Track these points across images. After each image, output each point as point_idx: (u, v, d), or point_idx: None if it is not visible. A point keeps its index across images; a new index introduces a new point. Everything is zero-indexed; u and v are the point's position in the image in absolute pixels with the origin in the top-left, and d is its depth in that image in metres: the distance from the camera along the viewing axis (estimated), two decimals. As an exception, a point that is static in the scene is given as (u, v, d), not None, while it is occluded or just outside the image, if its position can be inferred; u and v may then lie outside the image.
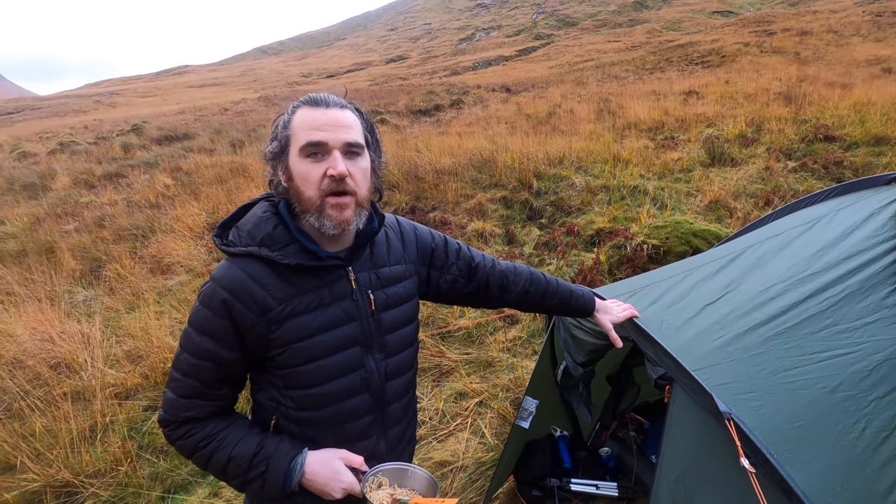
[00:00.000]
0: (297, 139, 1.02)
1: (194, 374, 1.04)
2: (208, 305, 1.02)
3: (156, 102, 35.78)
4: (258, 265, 1.03)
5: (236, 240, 1.06)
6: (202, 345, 1.02)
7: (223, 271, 1.04)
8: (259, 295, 1.02)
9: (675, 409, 1.45)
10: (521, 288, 1.43)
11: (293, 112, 1.05)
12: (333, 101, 1.05)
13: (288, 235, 1.05)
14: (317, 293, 1.06)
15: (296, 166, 1.03)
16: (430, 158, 8.03)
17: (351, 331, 1.09)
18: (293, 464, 1.05)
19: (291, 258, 1.03)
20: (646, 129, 9.38)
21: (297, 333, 1.04)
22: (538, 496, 2.35)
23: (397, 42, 64.83)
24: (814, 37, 22.71)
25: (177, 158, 11.09)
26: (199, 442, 1.05)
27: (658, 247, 4.51)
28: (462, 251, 1.37)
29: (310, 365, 1.06)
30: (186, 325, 1.05)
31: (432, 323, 4.08)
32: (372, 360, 1.13)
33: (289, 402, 1.09)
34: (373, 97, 19.67)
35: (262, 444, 1.06)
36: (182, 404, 1.05)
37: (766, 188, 6.20)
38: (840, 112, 8.62)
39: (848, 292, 1.59)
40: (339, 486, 1.04)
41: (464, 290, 1.37)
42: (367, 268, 1.14)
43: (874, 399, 1.31)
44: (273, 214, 1.08)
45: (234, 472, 1.05)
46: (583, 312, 1.56)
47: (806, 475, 1.20)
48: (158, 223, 6.87)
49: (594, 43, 36.74)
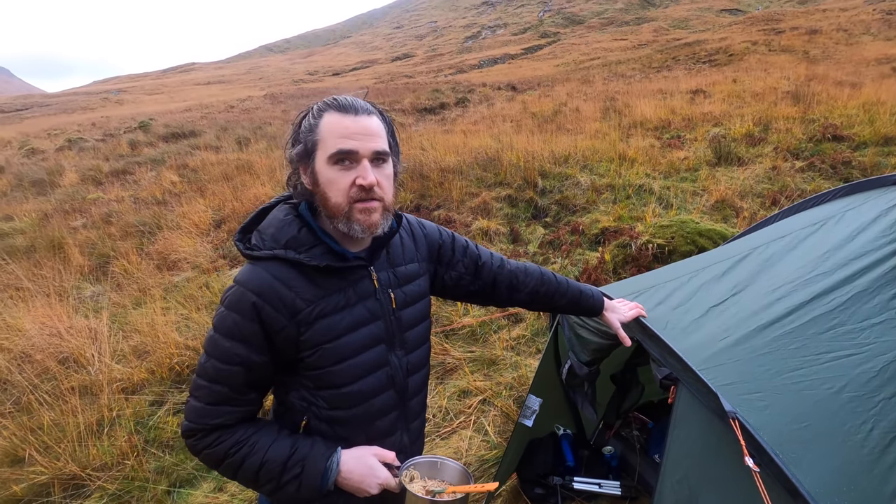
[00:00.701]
0: (326, 146, 1.02)
1: (223, 380, 1.02)
2: (236, 310, 1.01)
3: (163, 100, 35.96)
4: (284, 268, 1.03)
5: (259, 243, 1.06)
6: (232, 350, 1.01)
7: (249, 275, 1.03)
8: (288, 297, 1.02)
9: (680, 409, 1.44)
10: (531, 288, 1.44)
11: (319, 116, 1.03)
12: (362, 108, 1.04)
13: (313, 237, 1.06)
14: (343, 294, 1.08)
15: (324, 173, 1.03)
16: (435, 157, 8.03)
17: (376, 329, 1.11)
18: (329, 463, 1.05)
19: (319, 260, 1.04)
20: (652, 127, 9.33)
21: (326, 334, 1.05)
22: (541, 494, 2.35)
23: (403, 40, 64.78)
24: (823, 35, 22.49)
25: (183, 155, 11.15)
26: (230, 449, 1.03)
27: (663, 246, 4.50)
28: (469, 249, 1.38)
29: (340, 365, 1.07)
30: (211, 332, 1.03)
31: (437, 321, 4.08)
32: (395, 357, 1.16)
33: (321, 402, 1.10)
34: (378, 95, 19.67)
35: (296, 446, 1.05)
36: (209, 412, 1.03)
37: (772, 188, 6.16)
38: (849, 111, 8.53)
39: (855, 293, 1.58)
40: (376, 482, 1.05)
41: (469, 288, 1.38)
42: (385, 267, 1.16)
43: (881, 400, 1.30)
44: (296, 217, 1.08)
45: (267, 477, 1.03)
46: (592, 312, 1.56)
47: (811, 476, 1.20)
48: (165, 220, 6.92)
49: (601, 41, 36.57)
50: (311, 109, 1.06)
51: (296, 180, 1.09)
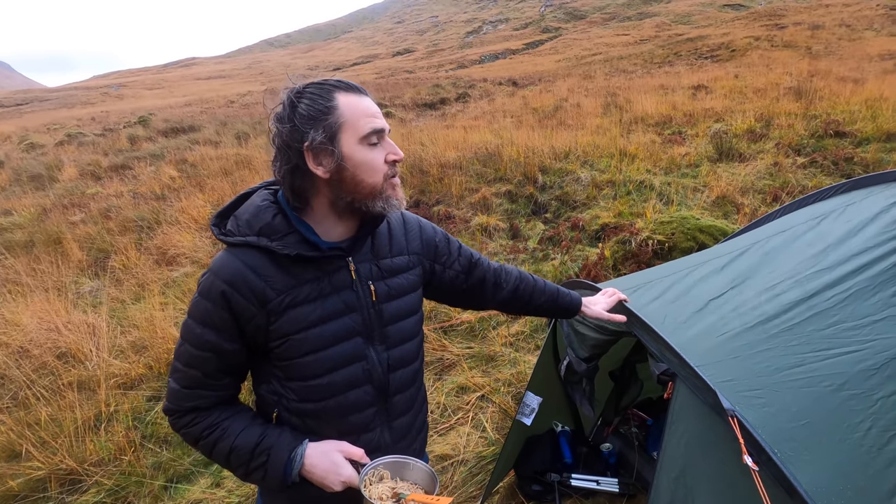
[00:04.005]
0: (357, 127, 1.00)
1: (196, 364, 1.04)
2: (207, 297, 1.01)
3: (162, 94, 35.88)
4: (257, 255, 1.02)
5: (234, 229, 1.05)
6: (203, 336, 1.02)
7: (221, 262, 1.02)
8: (258, 286, 1.01)
9: (678, 405, 1.43)
10: (511, 285, 1.44)
11: (331, 98, 0.99)
12: (362, 87, 1.06)
13: (287, 225, 1.04)
14: (316, 284, 1.05)
15: (357, 154, 1.01)
16: (435, 152, 7.99)
17: (351, 322, 1.08)
18: (293, 455, 1.05)
19: (291, 248, 1.01)
20: (653, 123, 9.29)
21: (295, 325, 1.03)
22: (538, 491, 2.34)
23: (404, 35, 64.52)
24: (826, 31, 22.36)
25: (183, 150, 11.13)
26: (203, 431, 1.05)
27: (663, 242, 4.48)
28: (463, 248, 1.38)
29: (309, 356, 1.05)
30: (187, 317, 1.05)
31: (435, 317, 4.07)
32: (374, 352, 1.12)
33: (290, 394, 1.09)
34: (379, 90, 19.60)
35: (264, 434, 1.06)
36: (185, 394, 1.05)
37: (774, 184, 6.13)
38: (851, 107, 8.48)
39: (856, 290, 1.56)
40: (338, 478, 1.03)
41: (462, 287, 1.37)
42: (368, 258, 1.12)
43: (880, 398, 1.29)
44: (272, 203, 1.06)
45: (237, 462, 1.06)
46: (569, 311, 1.55)
47: (809, 474, 1.18)
48: (164, 215, 6.90)
49: (602, 36, 36.39)
50: (310, 93, 1.00)
51: (298, 178, 1.02)
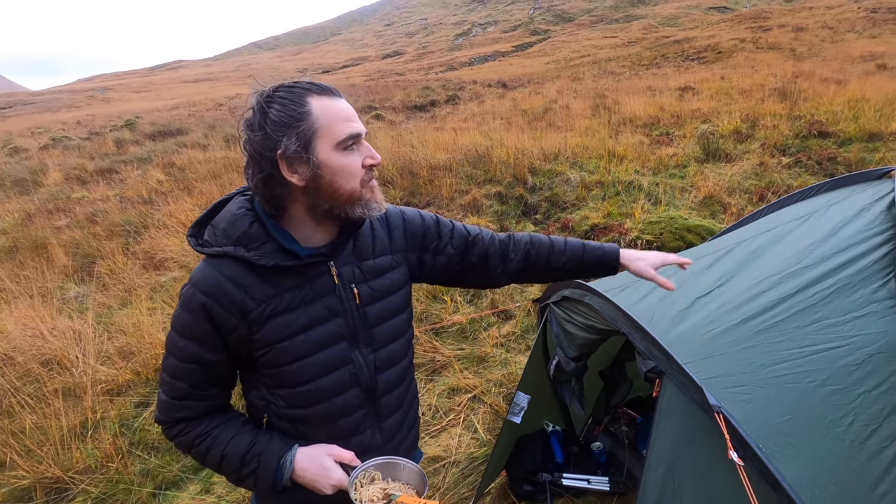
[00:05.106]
0: (333, 132, 0.97)
1: (182, 376, 1.04)
2: (188, 309, 1.01)
3: (149, 97, 35.50)
4: (235, 265, 1.00)
5: (212, 239, 1.03)
6: (186, 349, 1.02)
7: (200, 274, 1.01)
8: (237, 297, 0.99)
9: (665, 402, 1.44)
10: (521, 253, 1.32)
11: (303, 103, 0.95)
12: (336, 89, 1.02)
13: (265, 233, 1.01)
14: (298, 291, 1.03)
15: (334, 161, 0.98)
16: (425, 154, 7.99)
17: (335, 327, 1.07)
18: (283, 461, 1.05)
19: (268, 259, 0.99)
20: (641, 124, 9.37)
21: (279, 333, 1.02)
22: (530, 491, 2.35)
23: (393, 37, 64.51)
24: (809, 33, 22.73)
25: (170, 154, 11.00)
26: (195, 439, 1.06)
27: (652, 242, 4.52)
28: (456, 228, 1.30)
29: (295, 364, 1.04)
30: (170, 329, 1.05)
31: (426, 318, 4.07)
32: (360, 355, 1.11)
33: (279, 401, 1.08)
34: (368, 93, 19.57)
35: (254, 441, 1.06)
36: (174, 405, 1.06)
37: (760, 184, 6.21)
38: (834, 108, 8.63)
39: (838, 286, 1.59)
40: (328, 482, 1.03)
41: (458, 268, 1.30)
42: (350, 261, 1.10)
43: (862, 393, 1.31)
44: (249, 210, 1.03)
45: (229, 469, 1.07)
46: (602, 266, 1.35)
47: (793, 469, 1.20)
48: (151, 219, 6.83)
49: (591, 38, 36.66)
50: (280, 97, 0.95)
51: (272, 186, 0.99)
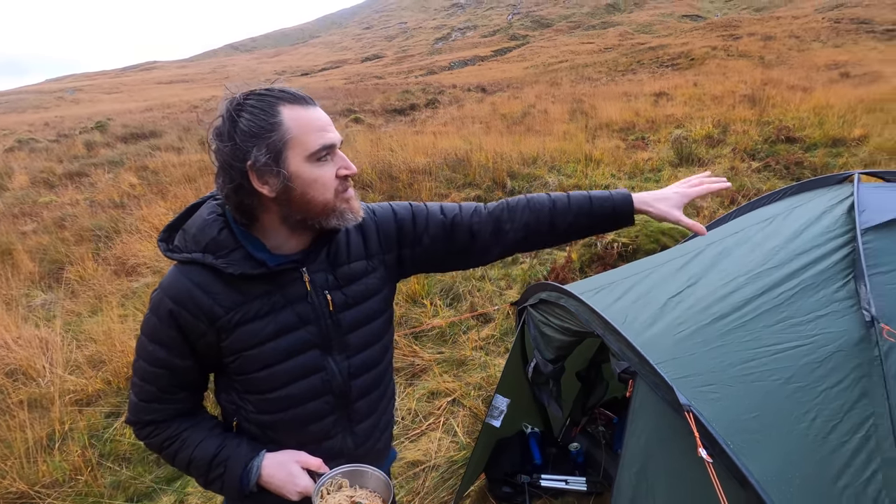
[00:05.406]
0: (305, 143, 0.94)
1: (150, 380, 1.04)
2: (156, 314, 1.00)
3: (122, 99, 34.65)
4: (204, 272, 0.99)
5: (181, 245, 1.01)
6: (154, 353, 1.02)
7: (170, 280, 1.00)
8: (206, 304, 0.98)
9: (638, 402, 1.47)
10: (519, 223, 1.19)
11: (274, 112, 0.92)
12: (310, 97, 0.99)
13: (234, 240, 0.99)
14: (267, 298, 1.02)
15: (306, 173, 0.95)
16: (405, 157, 8.00)
17: (307, 334, 1.06)
18: (249, 466, 1.05)
19: (236, 267, 0.97)
20: (617, 129, 9.57)
21: (247, 341, 1.01)
22: (508, 493, 2.36)
23: (373, 41, 64.39)
24: (777, 42, 23.54)
25: (143, 157, 10.76)
26: (164, 442, 1.07)
27: (627, 245, 4.60)
28: (431, 212, 1.21)
29: (264, 371, 1.03)
30: (140, 332, 1.05)
31: (405, 322, 4.06)
32: (333, 362, 1.10)
33: (248, 406, 1.08)
34: (348, 96, 19.49)
35: (222, 446, 1.06)
36: (143, 407, 1.06)
37: (731, 187, 6.40)
38: (801, 114, 8.96)
39: (802, 287, 1.64)
40: (295, 489, 1.03)
41: (442, 253, 1.22)
42: (323, 268, 1.07)
43: (824, 390, 1.36)
44: (219, 216, 1.01)
45: (196, 473, 1.08)
46: (616, 218, 1.21)
47: (761, 465, 1.24)
48: (123, 223, 6.66)
49: (568, 44, 37.24)
50: (251, 106, 0.92)
51: (242, 196, 0.96)
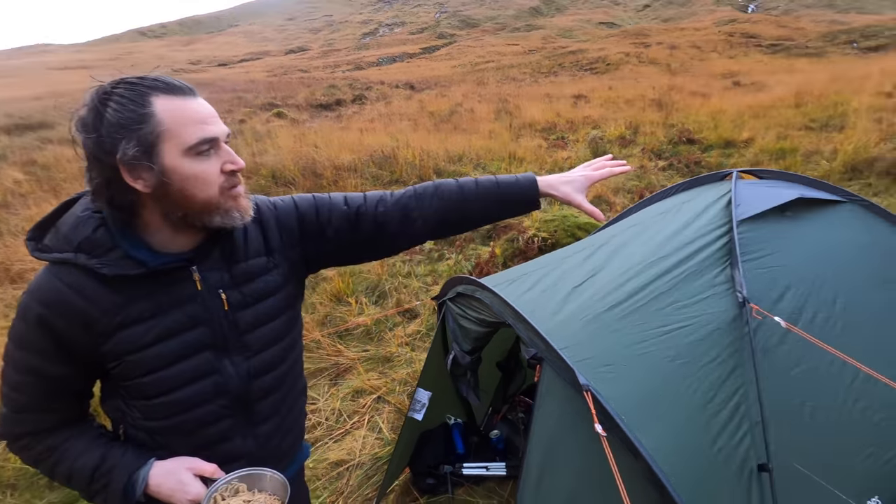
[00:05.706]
0: (181, 136, 0.88)
1: (20, 389, 0.96)
2: (25, 320, 0.92)
3: (6, 85, 30.74)
4: (78, 273, 0.91)
5: (52, 244, 0.93)
6: (23, 361, 0.94)
7: (38, 282, 0.92)
8: (79, 308, 0.91)
9: (544, 386, 1.55)
10: (427, 210, 1.19)
11: (146, 103, 0.86)
12: (188, 87, 0.93)
13: (110, 239, 0.92)
14: (151, 300, 0.95)
15: (183, 168, 0.89)
16: (329, 154, 7.81)
17: (198, 335, 1.00)
18: (134, 477, 0.97)
19: (111, 268, 0.91)
20: (540, 129, 9.96)
21: (129, 346, 0.94)
22: (432, 484, 2.40)
23: (297, 33, 62.08)
24: (681, 51, 25.62)
25: (31, 150, 9.62)
26: (40, 454, 0.99)
27: (547, 239, 4.81)
28: (335, 206, 1.17)
29: (148, 377, 0.96)
30: (7, 339, 0.95)
31: (329, 322, 3.98)
32: (230, 363, 1.04)
33: (135, 413, 1.01)
34: (270, 89, 18.65)
35: (105, 456, 0.99)
36: (13, 419, 0.98)
37: (640, 184, 6.88)
38: (700, 118, 9.82)
39: (688, 273, 1.81)
40: (185, 497, 0.97)
41: (349, 247, 1.19)
42: (218, 266, 1.02)
43: (704, 364, 1.51)
44: (94, 213, 0.94)
45: (78, 486, 1.01)
46: (524, 201, 1.25)
47: (654, 437, 1.35)
48: (7, 225, 5.94)
49: (495, 45, 38.13)
50: (119, 95, 0.87)
51: (115, 192, 0.90)
